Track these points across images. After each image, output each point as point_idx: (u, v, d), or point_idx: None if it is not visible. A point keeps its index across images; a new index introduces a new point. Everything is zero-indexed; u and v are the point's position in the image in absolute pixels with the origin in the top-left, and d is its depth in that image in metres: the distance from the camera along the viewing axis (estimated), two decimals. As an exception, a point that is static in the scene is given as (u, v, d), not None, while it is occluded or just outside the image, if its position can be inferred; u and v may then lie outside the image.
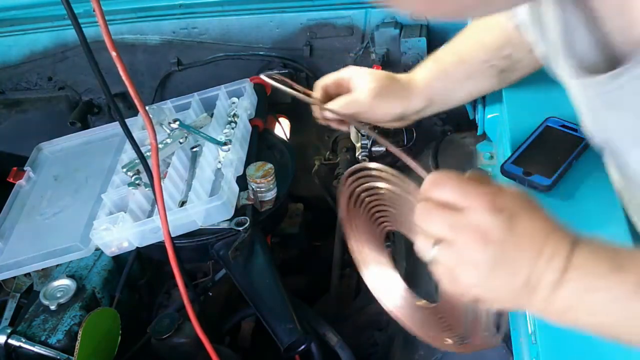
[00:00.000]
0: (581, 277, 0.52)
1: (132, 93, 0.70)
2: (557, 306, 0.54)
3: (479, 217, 0.53)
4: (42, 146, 1.40)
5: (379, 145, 1.52)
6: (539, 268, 0.53)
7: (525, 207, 0.55)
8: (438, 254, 0.56)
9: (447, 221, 0.55)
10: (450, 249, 0.55)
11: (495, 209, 0.53)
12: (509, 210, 0.54)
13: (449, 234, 0.55)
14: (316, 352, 1.05)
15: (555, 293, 0.53)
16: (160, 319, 1.04)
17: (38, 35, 1.54)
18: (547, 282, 0.53)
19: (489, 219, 0.53)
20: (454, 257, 0.55)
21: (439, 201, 0.55)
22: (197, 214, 1.06)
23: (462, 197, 0.54)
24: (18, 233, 1.22)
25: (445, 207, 0.55)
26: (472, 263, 0.55)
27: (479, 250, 0.54)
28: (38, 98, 1.61)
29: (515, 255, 0.54)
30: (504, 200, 0.54)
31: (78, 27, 0.68)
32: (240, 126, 1.23)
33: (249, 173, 1.13)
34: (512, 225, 0.53)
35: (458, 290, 0.58)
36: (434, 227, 0.56)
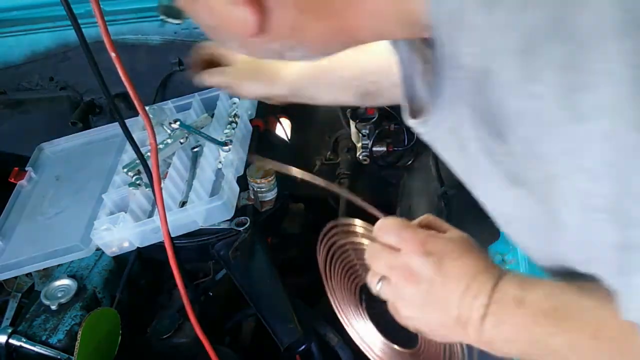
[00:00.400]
0: (497, 311, 0.57)
1: (131, 94, 0.70)
2: (486, 338, 0.59)
3: (410, 259, 0.61)
4: (43, 146, 1.40)
5: (379, 145, 1.52)
6: (466, 305, 0.59)
7: (455, 251, 0.61)
8: (380, 289, 0.65)
9: (386, 261, 0.63)
10: (389, 286, 0.64)
11: (425, 253, 0.61)
12: (438, 254, 0.60)
13: (388, 272, 0.63)
14: (316, 352, 1.05)
15: (482, 327, 0.58)
16: (161, 319, 1.05)
17: (40, 35, 1.54)
18: (475, 317, 0.58)
19: (419, 261, 0.61)
20: (392, 293, 0.64)
21: (384, 243, 0.63)
22: (198, 214, 1.06)
23: (399, 241, 0.62)
24: (19, 233, 1.22)
25: (388, 249, 0.63)
26: (406, 299, 0.63)
27: (410, 288, 0.61)
28: (40, 98, 1.61)
29: (444, 294, 0.60)
30: (434, 245, 0.61)
31: (78, 27, 0.68)
32: (241, 126, 1.23)
33: (249, 173, 1.13)
34: (440, 267, 0.60)
35: (403, 322, 0.66)
36: (377, 266, 0.64)
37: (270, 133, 1.37)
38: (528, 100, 0.43)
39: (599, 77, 0.39)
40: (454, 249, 0.61)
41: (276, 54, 0.56)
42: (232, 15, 0.50)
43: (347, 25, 0.52)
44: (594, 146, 0.41)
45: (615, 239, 0.43)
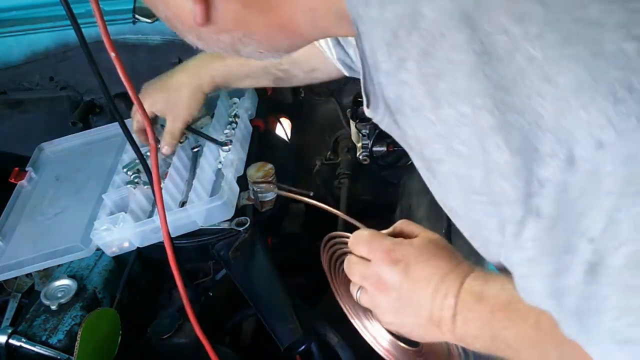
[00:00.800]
0: (463, 309, 0.60)
1: (131, 94, 0.70)
2: (458, 336, 0.61)
3: (378, 268, 0.65)
4: (43, 146, 1.40)
5: (379, 145, 1.52)
6: (437, 306, 0.61)
7: (422, 254, 0.64)
8: (359, 298, 0.69)
9: (359, 272, 0.67)
10: (365, 294, 0.68)
11: (391, 261, 0.64)
12: (404, 261, 0.64)
13: (362, 282, 0.67)
14: (316, 352, 1.05)
15: (454, 325, 0.60)
16: (161, 319, 1.04)
17: (40, 35, 1.54)
18: (446, 317, 0.61)
19: (387, 269, 0.64)
20: (368, 301, 0.68)
21: (358, 255, 0.68)
22: (198, 214, 1.06)
23: (369, 251, 0.66)
24: (19, 233, 1.22)
25: (361, 260, 0.67)
26: (380, 306, 0.67)
27: (382, 296, 0.65)
28: (40, 98, 1.61)
29: (414, 297, 0.63)
30: (400, 253, 0.64)
31: (77, 27, 0.68)
32: (241, 126, 1.23)
33: (249, 173, 1.13)
34: (407, 273, 0.63)
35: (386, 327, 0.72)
36: (353, 276, 0.68)
37: (270, 133, 1.37)
38: (401, 88, 0.46)
39: (450, 65, 0.42)
40: (421, 253, 0.64)
41: (230, 48, 0.58)
42: (181, 5, 0.54)
43: (286, 20, 0.54)
44: (461, 130, 0.43)
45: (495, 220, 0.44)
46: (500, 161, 0.40)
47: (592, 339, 0.43)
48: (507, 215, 0.43)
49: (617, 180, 0.37)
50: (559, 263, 0.41)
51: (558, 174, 0.38)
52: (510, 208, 0.41)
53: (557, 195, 0.39)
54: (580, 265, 0.40)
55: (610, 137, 0.37)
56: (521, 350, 0.56)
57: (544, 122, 0.38)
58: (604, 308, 0.40)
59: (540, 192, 0.39)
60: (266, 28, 0.55)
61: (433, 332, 0.64)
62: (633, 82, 0.37)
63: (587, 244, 0.39)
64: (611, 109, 0.37)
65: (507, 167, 0.40)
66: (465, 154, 0.43)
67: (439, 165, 0.46)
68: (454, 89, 0.42)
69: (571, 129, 0.38)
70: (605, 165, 0.37)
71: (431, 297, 0.62)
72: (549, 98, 0.38)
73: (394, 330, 0.69)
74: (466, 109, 0.42)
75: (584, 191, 0.38)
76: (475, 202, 0.45)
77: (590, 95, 0.37)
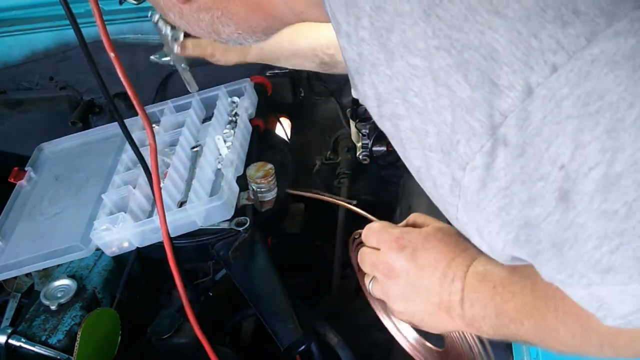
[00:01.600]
0: (470, 291, 0.60)
1: (130, 94, 0.70)
2: (468, 321, 0.61)
3: (386, 254, 0.66)
4: (43, 146, 1.40)
5: (379, 144, 1.52)
6: (445, 291, 0.62)
7: (429, 240, 0.64)
8: (371, 289, 0.70)
9: (370, 261, 0.68)
10: (376, 284, 0.69)
11: (398, 248, 0.65)
12: (411, 246, 0.64)
13: (372, 271, 0.68)
14: (316, 352, 1.05)
15: (463, 310, 0.61)
16: (160, 319, 1.04)
17: (39, 35, 1.54)
18: (455, 301, 0.61)
19: (394, 255, 0.65)
20: (380, 290, 0.68)
21: (370, 246, 0.69)
22: (198, 214, 1.06)
23: (378, 241, 0.67)
24: (19, 233, 1.22)
25: (372, 250, 0.68)
26: (390, 294, 0.67)
27: (391, 283, 0.66)
28: (39, 98, 1.61)
29: (422, 283, 0.63)
30: (407, 239, 0.65)
31: (77, 27, 0.68)
32: (241, 126, 1.23)
33: (249, 173, 1.13)
34: (414, 258, 0.64)
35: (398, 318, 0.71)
36: (365, 266, 0.69)
37: (270, 133, 1.37)
38: (360, 46, 0.46)
39: (399, 17, 0.42)
40: (428, 239, 0.64)
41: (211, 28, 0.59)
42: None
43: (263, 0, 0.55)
44: (413, 82, 0.43)
45: (449, 178, 0.44)
46: (464, 97, 0.41)
47: (574, 273, 0.42)
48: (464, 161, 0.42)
49: (575, 102, 0.37)
50: (531, 191, 0.41)
51: (518, 104, 0.39)
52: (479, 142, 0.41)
53: (520, 123, 0.39)
54: (552, 192, 0.40)
55: (562, 59, 0.37)
56: (523, 321, 0.55)
57: (499, 55, 0.39)
58: (582, 237, 0.40)
59: (504, 122, 0.40)
60: (244, 7, 0.56)
61: (444, 320, 0.64)
62: (578, 5, 0.37)
63: (558, 171, 0.39)
64: (560, 33, 0.37)
65: (470, 102, 0.41)
66: (419, 106, 0.43)
67: (400, 121, 0.46)
68: (404, 42, 0.42)
69: (524, 58, 0.38)
70: (561, 88, 0.38)
71: (439, 283, 0.62)
72: (500, 30, 0.39)
73: (405, 320, 0.69)
74: (416, 61, 0.42)
75: (546, 117, 0.38)
76: (431, 158, 0.45)
77: (539, 22, 0.38)
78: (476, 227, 0.46)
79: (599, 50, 0.37)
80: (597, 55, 0.37)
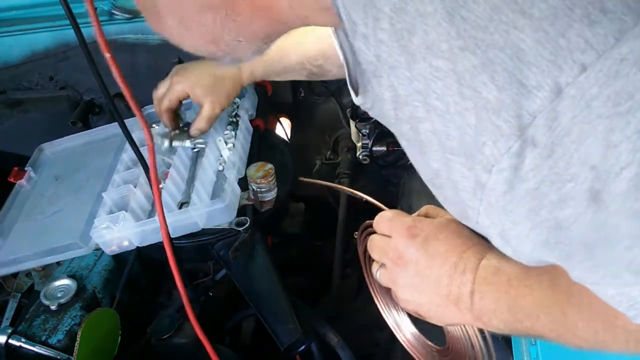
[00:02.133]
0: (481, 284, 0.60)
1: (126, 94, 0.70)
2: (476, 313, 0.61)
3: (397, 241, 0.65)
4: (43, 147, 1.40)
5: (379, 145, 1.52)
6: (455, 282, 0.61)
7: (441, 231, 0.64)
8: (379, 277, 0.69)
9: (379, 247, 0.68)
10: (384, 271, 0.68)
11: (410, 235, 0.64)
12: (423, 235, 0.64)
13: (381, 257, 0.68)
14: (316, 352, 1.05)
15: (472, 302, 0.60)
16: (160, 319, 1.04)
17: (39, 35, 1.54)
18: (465, 294, 0.61)
19: (405, 243, 0.64)
20: (387, 277, 0.68)
21: (381, 234, 0.68)
22: (199, 216, 1.05)
23: (390, 228, 0.67)
24: (18, 231, 1.22)
25: (383, 237, 0.68)
26: (398, 281, 0.66)
27: (399, 270, 0.65)
28: (39, 98, 1.61)
29: (431, 273, 0.63)
30: (419, 228, 0.64)
31: (77, 27, 0.68)
32: (242, 127, 1.23)
33: (249, 173, 1.13)
34: (426, 247, 0.63)
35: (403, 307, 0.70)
36: (374, 253, 0.69)
37: (270, 133, 1.37)
38: (379, 48, 0.45)
39: (421, 18, 0.42)
40: (440, 230, 0.64)
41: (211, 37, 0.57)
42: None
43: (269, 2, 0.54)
44: (436, 84, 0.42)
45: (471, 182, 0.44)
46: (490, 98, 0.40)
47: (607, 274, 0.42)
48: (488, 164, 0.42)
49: (605, 101, 0.37)
50: (561, 192, 0.40)
51: (547, 104, 0.39)
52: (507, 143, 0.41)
53: (549, 123, 0.39)
54: (583, 193, 0.39)
55: (591, 58, 0.37)
56: (540, 316, 0.55)
57: (526, 55, 0.39)
58: (614, 237, 0.40)
59: (532, 123, 0.39)
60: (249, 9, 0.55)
61: (451, 312, 0.63)
62: (605, 4, 0.37)
63: (588, 171, 0.39)
64: (588, 32, 0.37)
65: (497, 103, 0.40)
66: (441, 109, 0.43)
67: (420, 123, 0.46)
68: (427, 43, 0.42)
69: (552, 58, 0.38)
70: (590, 88, 0.37)
71: (449, 274, 0.61)
72: (526, 30, 0.38)
73: (411, 309, 0.68)
74: (439, 62, 0.41)
75: (576, 118, 0.38)
76: (452, 161, 0.45)
77: (566, 22, 0.38)
78: (500, 230, 0.46)
79: (627, 49, 0.37)
80: (625, 54, 0.37)
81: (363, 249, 0.78)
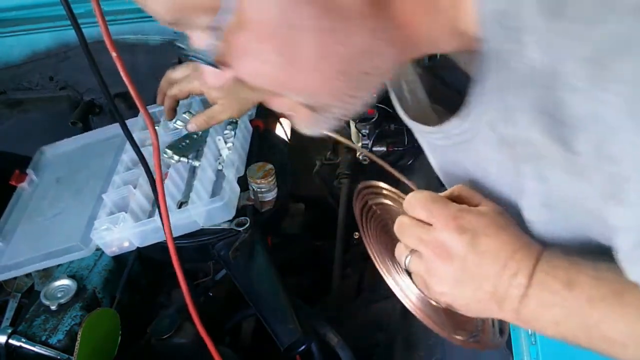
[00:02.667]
0: (540, 293, 0.56)
1: (132, 93, 0.70)
2: (524, 317, 0.58)
3: (442, 235, 0.59)
4: (44, 149, 1.40)
5: (379, 145, 1.52)
6: (504, 282, 0.58)
7: (490, 226, 0.59)
8: (410, 264, 0.64)
9: (417, 236, 0.62)
10: (419, 260, 0.62)
11: (458, 229, 0.59)
12: (472, 231, 0.59)
13: (419, 247, 0.62)
14: (316, 352, 1.05)
15: (521, 305, 0.57)
16: (161, 319, 1.04)
17: (40, 35, 1.54)
18: (513, 296, 0.57)
19: (452, 238, 0.59)
20: (423, 268, 0.62)
21: (414, 217, 0.62)
22: (199, 214, 1.06)
23: (430, 215, 0.61)
24: (20, 234, 1.22)
25: (419, 224, 0.62)
26: (436, 274, 0.61)
27: (443, 265, 0.60)
28: (40, 98, 1.61)
29: (478, 271, 0.59)
30: (468, 221, 0.59)
31: (78, 27, 0.68)
32: (241, 127, 1.23)
33: (249, 173, 1.13)
34: (475, 244, 0.59)
35: (433, 297, 0.65)
36: (407, 239, 0.63)
37: (270, 133, 1.37)
38: (597, 106, 0.44)
39: None
40: (489, 225, 0.59)
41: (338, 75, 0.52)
42: None
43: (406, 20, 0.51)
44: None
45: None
46: None
47: None
48: None
49: None
50: None
51: None
52: None
53: None
54: None
55: None
56: (629, 346, 0.52)
57: None
58: None
59: None
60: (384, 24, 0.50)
61: (491, 309, 0.60)
62: None
63: None
64: None
65: None
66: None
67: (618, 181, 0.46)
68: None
69: None
70: None
71: (498, 274, 0.58)
72: None
73: (444, 301, 0.64)
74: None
75: None
76: None
77: None
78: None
79: None
80: None
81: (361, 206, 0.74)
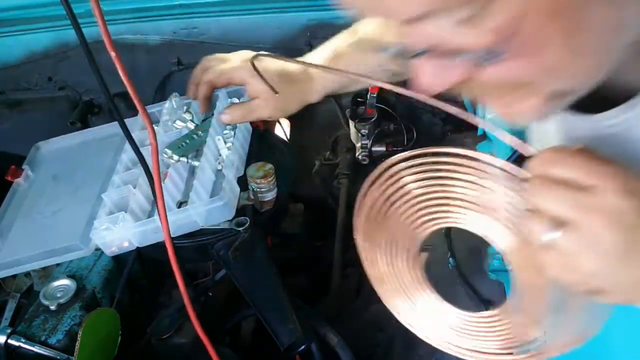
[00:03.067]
0: None
1: (131, 93, 0.70)
2: None
3: (611, 199, 0.48)
4: (40, 145, 1.39)
5: (379, 145, 1.52)
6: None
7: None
8: (559, 238, 0.50)
9: (571, 201, 0.49)
10: (575, 233, 0.49)
11: (628, 192, 0.48)
12: None
13: (575, 216, 0.49)
14: (316, 352, 1.05)
15: None
16: (160, 319, 1.04)
17: (39, 35, 1.54)
18: None
19: (623, 203, 0.48)
20: (579, 243, 0.50)
21: (558, 179, 0.50)
22: (198, 214, 1.06)
23: (589, 175, 0.49)
24: (16, 231, 1.21)
25: (567, 185, 0.49)
26: (599, 250, 0.49)
27: (609, 236, 0.48)
28: (38, 98, 1.61)
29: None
30: (637, 184, 0.48)
31: (77, 27, 0.68)
32: (241, 127, 1.23)
33: (249, 173, 1.13)
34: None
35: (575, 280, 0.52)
36: (556, 207, 0.50)
37: (269, 133, 1.37)
38: None
39: None
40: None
41: None
42: None
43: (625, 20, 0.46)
44: None
45: None
46: None
47: None
48: None
49: None
50: None
51: None
52: None
53: None
54: None
55: None
56: None
57: None
58: None
59: None
60: None
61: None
62: None
63: None
64: None
65: None
66: None
67: None
68: None
69: None
70: None
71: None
72: None
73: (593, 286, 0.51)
74: None
75: None
76: None
77: None
78: None
79: None
80: None
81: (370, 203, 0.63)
